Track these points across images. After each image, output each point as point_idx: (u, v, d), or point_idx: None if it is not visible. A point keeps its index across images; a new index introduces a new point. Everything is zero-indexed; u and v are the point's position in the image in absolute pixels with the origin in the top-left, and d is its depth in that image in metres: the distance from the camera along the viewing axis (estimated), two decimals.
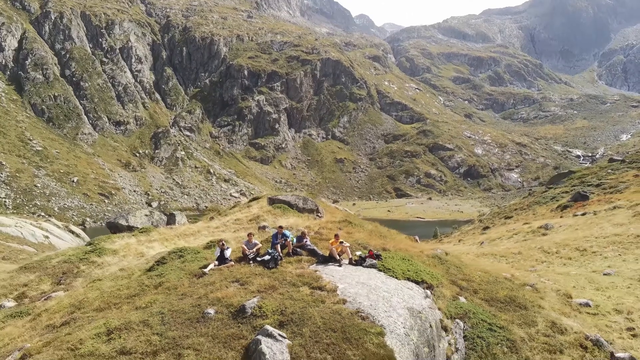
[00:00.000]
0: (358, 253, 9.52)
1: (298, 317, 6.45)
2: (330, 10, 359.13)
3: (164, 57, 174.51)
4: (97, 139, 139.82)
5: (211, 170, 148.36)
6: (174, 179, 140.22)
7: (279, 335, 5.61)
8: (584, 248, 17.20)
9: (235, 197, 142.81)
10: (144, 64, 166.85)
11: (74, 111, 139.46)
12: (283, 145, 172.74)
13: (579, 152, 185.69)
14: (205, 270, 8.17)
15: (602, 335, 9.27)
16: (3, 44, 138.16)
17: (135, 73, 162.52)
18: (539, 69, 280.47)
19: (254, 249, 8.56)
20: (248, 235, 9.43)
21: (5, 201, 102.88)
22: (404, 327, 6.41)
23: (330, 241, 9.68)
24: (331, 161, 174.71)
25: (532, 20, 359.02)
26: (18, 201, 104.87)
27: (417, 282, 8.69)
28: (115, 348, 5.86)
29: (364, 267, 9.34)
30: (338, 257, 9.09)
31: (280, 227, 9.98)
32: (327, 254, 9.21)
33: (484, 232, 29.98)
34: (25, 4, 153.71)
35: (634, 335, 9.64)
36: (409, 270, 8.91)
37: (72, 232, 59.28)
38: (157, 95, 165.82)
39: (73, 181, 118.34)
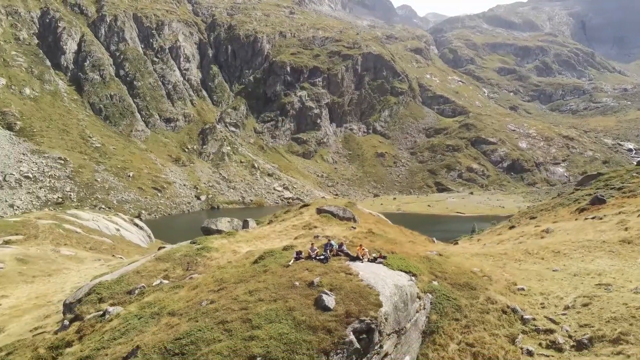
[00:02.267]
0: (373, 255, 14.74)
1: (338, 286, 11.80)
2: (371, 1, 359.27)
3: (210, 55, 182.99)
4: (149, 135, 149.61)
5: (255, 165, 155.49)
6: (220, 174, 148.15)
7: (330, 293, 10.75)
8: (559, 250, 20.89)
9: (279, 191, 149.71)
10: (192, 63, 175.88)
11: (128, 109, 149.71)
12: (324, 140, 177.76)
13: (631, 145, 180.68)
14: (289, 263, 13.44)
15: (520, 306, 13.74)
16: (64, 47, 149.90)
17: (184, 71, 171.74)
18: (591, 58, 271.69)
19: (315, 252, 13.74)
20: (311, 243, 14.67)
21: (70, 195, 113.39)
22: (390, 293, 11.70)
23: (357, 247, 15.08)
24: (372, 155, 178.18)
25: (583, 6, 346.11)
26: (81, 195, 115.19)
27: (405, 272, 13.69)
28: (255, 298, 11.11)
29: (375, 263, 14.03)
30: (361, 257, 14.33)
31: (329, 237, 15.20)
32: (355, 255, 14.49)
33: (500, 233, 33.67)
34: (83, 8, 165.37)
35: (542, 307, 14.06)
36: (401, 265, 13.95)
37: (137, 225, 66.87)
38: (204, 93, 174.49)
39: (129, 176, 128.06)
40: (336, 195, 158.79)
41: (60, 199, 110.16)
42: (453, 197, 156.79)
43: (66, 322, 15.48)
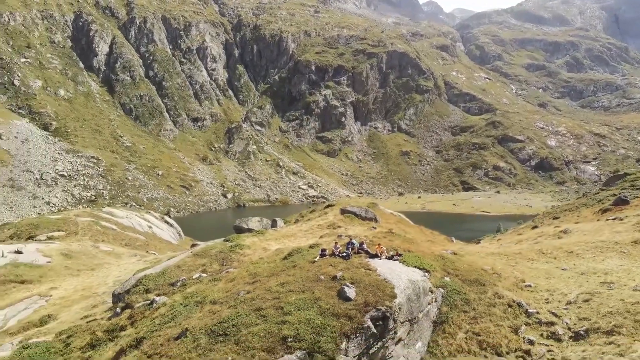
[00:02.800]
0: (391, 253, 16.33)
1: (358, 280, 13.51)
2: None
3: (236, 55, 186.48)
4: (177, 134, 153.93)
5: (280, 164, 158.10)
6: (246, 172, 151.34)
7: (351, 285, 12.43)
8: (572, 251, 21.87)
9: (304, 190, 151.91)
10: (218, 63, 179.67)
11: (157, 109, 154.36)
12: (349, 139, 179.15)
13: None
14: (315, 259, 15.19)
15: (525, 301, 15.04)
16: (97, 49, 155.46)
17: (210, 72, 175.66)
18: (624, 53, 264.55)
19: (338, 250, 15.43)
20: (335, 242, 16.35)
21: (103, 192, 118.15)
22: (404, 286, 13.33)
23: (376, 246, 16.69)
24: (397, 154, 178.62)
25: None
26: (113, 192, 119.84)
27: (419, 268, 15.21)
28: (286, 289, 12.93)
29: (392, 260, 15.55)
30: (379, 255, 15.98)
31: (351, 237, 16.86)
32: (374, 252, 16.16)
33: (521, 233, 34.56)
34: (114, 10, 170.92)
35: (546, 302, 15.31)
36: (416, 262, 15.48)
37: (167, 223, 69.80)
38: (230, 92, 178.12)
39: (158, 174, 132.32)
40: (360, 194, 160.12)
41: (94, 197, 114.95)
42: (479, 196, 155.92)
43: (118, 310, 17.60)
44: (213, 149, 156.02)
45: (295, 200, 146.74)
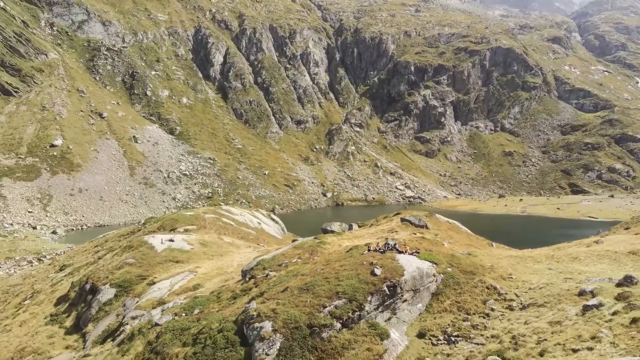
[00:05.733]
0: (412, 251, 25.61)
1: (384, 265, 22.94)
2: None
3: (337, 58, 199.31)
4: (282, 136, 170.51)
5: (378, 164, 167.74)
6: (345, 172, 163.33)
7: (379, 267, 22.09)
8: (576, 257, 28.78)
9: (400, 190, 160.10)
10: (320, 67, 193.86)
11: (265, 113, 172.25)
12: (449, 139, 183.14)
13: None
14: (363, 252, 25.02)
15: (500, 286, 23.10)
16: (213, 60, 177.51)
17: (313, 76, 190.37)
18: None
19: (379, 247, 25.13)
20: (377, 242, 26.05)
21: (218, 190, 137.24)
22: (411, 270, 22.47)
23: (402, 247, 26.05)
24: (499, 154, 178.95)
25: None
26: (226, 190, 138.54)
27: (429, 261, 24.24)
28: (343, 268, 23.24)
29: (411, 255, 24.64)
30: (404, 252, 25.31)
31: (387, 239, 26.41)
32: (401, 250, 25.57)
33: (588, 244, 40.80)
34: (228, 23, 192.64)
35: (516, 288, 23.25)
36: (427, 257, 24.47)
37: (273, 219, 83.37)
38: (331, 95, 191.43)
39: (264, 174, 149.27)
40: (458, 195, 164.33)
41: (210, 194, 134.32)
42: (588, 199, 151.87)
43: (247, 279, 29.24)
44: (314, 149, 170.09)
45: (392, 200, 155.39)
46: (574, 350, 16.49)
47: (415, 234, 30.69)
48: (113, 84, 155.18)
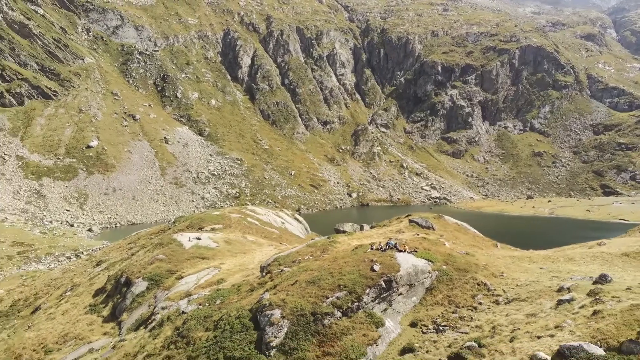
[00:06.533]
0: (410, 250, 28.31)
1: (383, 262, 25.73)
2: None
3: (364, 59, 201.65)
4: (308, 137, 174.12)
5: (404, 165, 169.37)
6: (370, 172, 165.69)
7: (378, 264, 25.03)
8: (572, 257, 30.88)
9: (426, 191, 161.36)
10: (347, 68, 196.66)
11: (291, 114, 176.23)
12: (476, 139, 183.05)
13: None
14: (366, 251, 27.90)
15: (490, 282, 25.49)
16: (241, 62, 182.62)
17: (339, 77, 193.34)
18: None
19: (381, 246, 27.97)
20: (379, 242, 28.91)
21: (245, 190, 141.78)
22: (407, 266, 25.16)
23: (402, 246, 28.76)
24: (528, 155, 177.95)
25: None
26: (253, 190, 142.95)
27: (425, 259, 26.85)
28: (346, 264, 26.29)
29: (409, 254, 27.31)
30: (403, 250, 28.03)
31: (389, 239, 29.27)
32: (400, 249, 28.30)
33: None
34: (256, 26, 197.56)
35: (505, 285, 25.62)
36: (424, 255, 27.06)
37: (297, 219, 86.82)
38: (357, 96, 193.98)
39: (291, 174, 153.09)
40: (485, 196, 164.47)
41: (237, 194, 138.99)
42: (621, 201, 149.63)
43: (264, 274, 32.61)
44: (340, 150, 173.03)
45: (417, 201, 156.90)
46: (538, 337, 19.08)
47: (418, 234, 33.31)
48: (145, 86, 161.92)
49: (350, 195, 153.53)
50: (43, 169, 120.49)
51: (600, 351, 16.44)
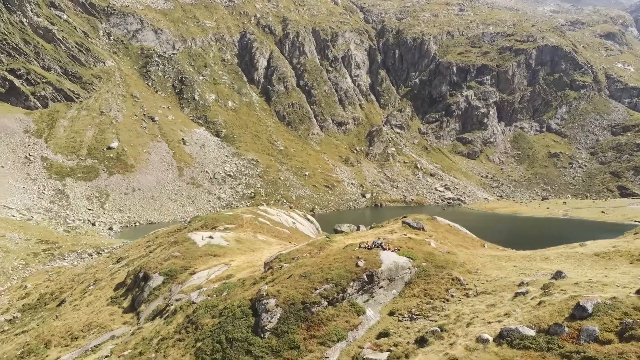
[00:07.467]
0: (394, 248, 31.91)
1: (368, 259, 29.25)
2: None
3: (379, 60, 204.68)
4: (323, 138, 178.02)
5: (418, 165, 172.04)
6: (384, 173, 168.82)
7: (363, 260, 28.72)
8: (547, 257, 34.10)
9: (440, 191, 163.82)
10: (362, 69, 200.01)
11: (306, 115, 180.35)
12: (491, 140, 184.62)
13: None
14: (355, 249, 31.59)
15: (463, 278, 28.87)
16: (257, 64, 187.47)
17: (354, 78, 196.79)
18: None
19: (368, 245, 31.60)
20: (367, 242, 32.59)
21: (260, 190, 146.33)
22: (388, 262, 28.65)
23: (387, 245, 32.33)
24: (544, 155, 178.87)
25: None
26: (268, 190, 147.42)
27: (407, 257, 30.36)
28: (335, 260, 30.17)
29: (392, 252, 30.81)
30: (387, 249, 31.59)
31: (378, 238, 32.90)
32: (385, 248, 31.87)
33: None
34: (272, 28, 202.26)
35: (478, 280, 29.06)
36: (405, 253, 30.46)
37: (308, 219, 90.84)
38: (372, 97, 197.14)
39: (305, 175, 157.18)
40: (500, 197, 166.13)
41: (253, 194, 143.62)
42: (637, 203, 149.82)
43: (266, 269, 36.71)
44: (354, 151, 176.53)
45: (431, 201, 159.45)
46: (489, 323, 22.64)
47: (406, 234, 36.89)
48: (164, 89, 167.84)
49: (364, 196, 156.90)
50: (66, 170, 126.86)
51: (531, 332, 19.98)
